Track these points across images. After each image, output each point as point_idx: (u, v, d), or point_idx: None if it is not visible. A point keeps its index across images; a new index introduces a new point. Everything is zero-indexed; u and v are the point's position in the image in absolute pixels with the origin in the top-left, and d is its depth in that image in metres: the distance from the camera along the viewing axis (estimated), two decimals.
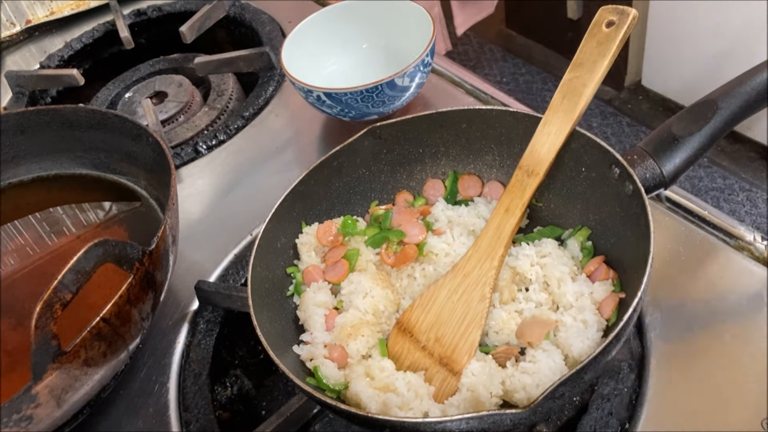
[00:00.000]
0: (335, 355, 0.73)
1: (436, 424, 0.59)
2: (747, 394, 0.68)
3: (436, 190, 0.88)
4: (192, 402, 0.80)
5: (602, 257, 0.75)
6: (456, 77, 1.16)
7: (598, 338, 0.68)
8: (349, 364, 0.73)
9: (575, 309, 0.71)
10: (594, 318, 0.69)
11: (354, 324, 0.74)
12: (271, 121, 1.18)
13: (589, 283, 0.73)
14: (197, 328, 0.87)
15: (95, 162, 1.01)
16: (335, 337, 0.75)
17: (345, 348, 0.73)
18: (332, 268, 0.81)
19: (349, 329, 0.74)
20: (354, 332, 0.74)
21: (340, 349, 0.74)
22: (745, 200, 2.34)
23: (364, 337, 0.74)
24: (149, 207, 0.97)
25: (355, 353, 0.73)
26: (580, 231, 0.78)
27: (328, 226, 0.84)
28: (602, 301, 0.71)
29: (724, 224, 0.84)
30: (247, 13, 1.40)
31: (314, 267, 0.81)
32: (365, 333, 0.74)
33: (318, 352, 0.74)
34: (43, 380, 0.64)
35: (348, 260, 0.81)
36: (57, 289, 0.62)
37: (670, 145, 0.72)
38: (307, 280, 0.81)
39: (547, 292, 0.74)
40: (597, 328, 0.69)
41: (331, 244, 0.83)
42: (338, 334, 0.74)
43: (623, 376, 0.72)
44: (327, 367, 0.72)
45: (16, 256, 0.96)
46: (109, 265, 0.68)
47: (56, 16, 1.55)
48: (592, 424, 0.69)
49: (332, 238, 0.83)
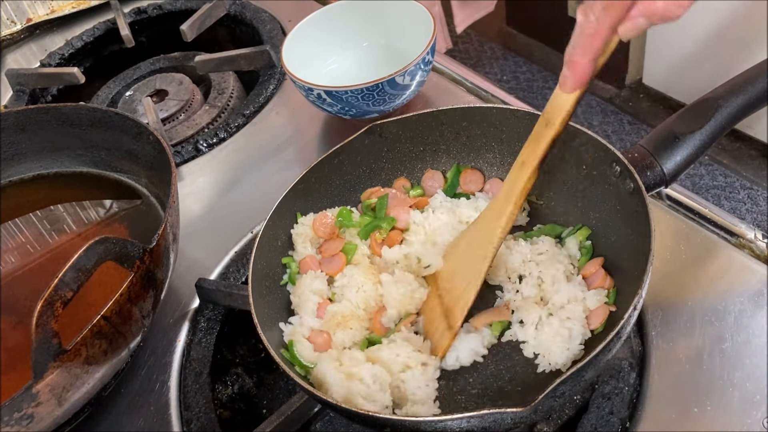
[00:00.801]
0: (318, 341, 0.74)
1: (437, 423, 0.59)
2: (747, 394, 0.68)
3: (435, 181, 0.88)
4: (193, 400, 0.80)
5: (601, 259, 0.75)
6: (457, 75, 1.16)
7: (578, 350, 0.68)
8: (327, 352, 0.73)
9: (565, 311, 0.71)
10: (580, 330, 0.69)
11: (345, 315, 0.75)
12: (272, 120, 1.18)
13: (584, 287, 0.73)
14: (198, 326, 0.87)
15: (96, 160, 1.01)
16: (324, 323, 0.76)
17: (331, 336, 0.74)
18: (329, 261, 0.81)
19: (339, 318, 0.75)
20: (343, 322, 0.75)
21: (325, 336, 0.74)
22: (746, 198, 2.34)
23: (351, 330, 0.75)
24: (150, 205, 0.97)
25: (339, 343, 0.74)
26: (580, 230, 0.78)
27: (323, 216, 0.84)
28: (593, 311, 0.71)
29: (725, 222, 0.84)
30: (247, 11, 1.40)
31: (311, 257, 0.82)
32: (354, 326, 0.75)
33: (300, 332, 0.75)
34: (44, 379, 0.64)
35: (345, 254, 0.81)
36: (58, 287, 0.62)
37: (670, 143, 0.72)
38: (304, 269, 0.81)
39: (539, 288, 0.74)
40: (580, 340, 0.69)
41: (327, 236, 0.83)
42: (328, 321, 0.75)
43: (624, 374, 0.72)
44: (303, 346, 0.73)
45: (16, 254, 0.97)
46: (110, 263, 0.68)
47: (57, 15, 1.55)
48: (593, 422, 0.69)
49: (328, 229, 0.83)
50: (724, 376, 0.70)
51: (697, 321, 0.75)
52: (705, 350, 0.72)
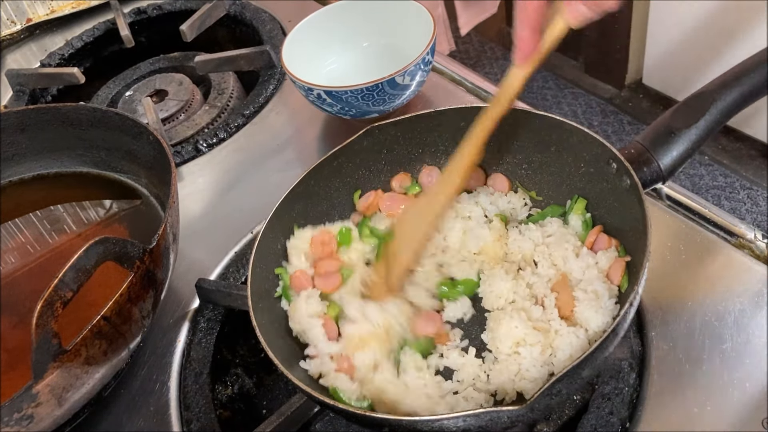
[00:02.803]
0: (345, 366, 0.71)
1: (433, 422, 0.59)
2: (747, 394, 0.68)
3: (432, 177, 0.88)
4: (193, 401, 0.80)
5: (600, 227, 0.76)
6: (457, 76, 1.16)
7: (612, 305, 0.69)
8: (356, 377, 0.71)
9: (584, 282, 0.72)
10: (604, 286, 0.70)
11: (363, 336, 0.73)
12: (272, 120, 1.18)
13: (593, 254, 0.74)
14: (198, 327, 0.87)
15: (96, 160, 1.01)
16: (342, 347, 0.73)
17: (351, 359, 0.72)
18: (325, 277, 0.79)
19: (357, 341, 0.72)
20: (362, 344, 0.72)
21: (348, 360, 0.72)
22: (746, 198, 2.34)
23: (371, 351, 0.72)
24: (150, 205, 0.97)
25: (362, 365, 0.71)
26: (578, 202, 0.79)
27: (323, 235, 0.82)
28: (609, 268, 0.72)
29: (724, 222, 0.84)
30: (247, 11, 1.40)
31: (302, 273, 0.80)
32: (373, 347, 0.72)
33: (327, 367, 0.72)
34: (44, 379, 0.64)
35: (342, 275, 0.80)
36: (58, 287, 0.62)
37: (667, 138, 0.72)
38: (295, 285, 0.79)
39: (555, 269, 0.75)
40: (609, 295, 0.70)
41: (325, 256, 0.82)
42: (346, 344, 0.73)
43: (624, 374, 0.72)
44: (341, 381, 0.70)
45: (16, 254, 0.97)
46: (110, 264, 0.68)
47: (57, 15, 1.55)
48: (593, 423, 0.69)
49: (327, 249, 0.82)
50: (724, 376, 0.70)
51: (697, 321, 0.75)
52: (705, 350, 0.72)
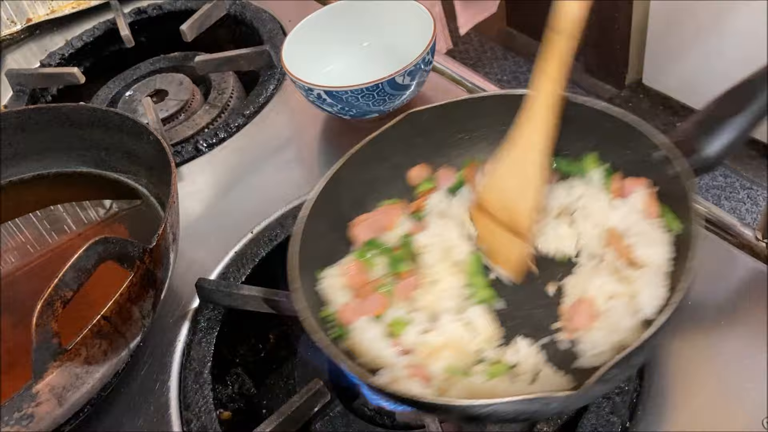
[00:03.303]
0: (420, 374, 0.67)
1: (483, 407, 0.57)
2: (747, 394, 0.68)
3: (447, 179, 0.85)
4: (193, 400, 0.80)
5: (620, 174, 0.76)
6: (457, 75, 1.16)
7: (661, 234, 0.70)
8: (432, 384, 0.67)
9: (630, 228, 0.72)
10: (647, 223, 0.71)
11: (436, 346, 0.69)
12: (272, 120, 1.18)
13: (625, 200, 0.74)
14: (198, 326, 0.87)
15: (96, 160, 1.01)
16: (415, 358, 0.69)
17: (425, 369, 0.67)
18: (368, 301, 0.73)
19: (430, 350, 0.69)
20: (435, 353, 0.68)
21: (423, 369, 0.67)
22: (746, 198, 2.34)
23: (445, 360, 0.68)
24: (150, 205, 0.97)
25: (438, 372, 0.67)
26: (588, 158, 0.78)
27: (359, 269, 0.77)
28: (644, 206, 0.72)
29: (724, 222, 0.84)
30: (247, 11, 1.40)
31: (347, 306, 0.73)
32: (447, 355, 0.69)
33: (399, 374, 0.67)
34: (44, 378, 0.64)
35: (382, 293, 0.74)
36: (58, 287, 0.62)
37: (712, 127, 0.70)
38: (346, 319, 0.73)
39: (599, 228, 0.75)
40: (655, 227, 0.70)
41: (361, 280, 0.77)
42: (418, 354, 0.69)
43: None
44: (415, 386, 0.66)
45: (16, 254, 0.97)
46: (110, 263, 0.68)
47: (57, 15, 1.55)
48: (593, 422, 0.69)
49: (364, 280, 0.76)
50: (723, 376, 0.70)
51: (697, 321, 0.75)
52: (704, 350, 0.72)
